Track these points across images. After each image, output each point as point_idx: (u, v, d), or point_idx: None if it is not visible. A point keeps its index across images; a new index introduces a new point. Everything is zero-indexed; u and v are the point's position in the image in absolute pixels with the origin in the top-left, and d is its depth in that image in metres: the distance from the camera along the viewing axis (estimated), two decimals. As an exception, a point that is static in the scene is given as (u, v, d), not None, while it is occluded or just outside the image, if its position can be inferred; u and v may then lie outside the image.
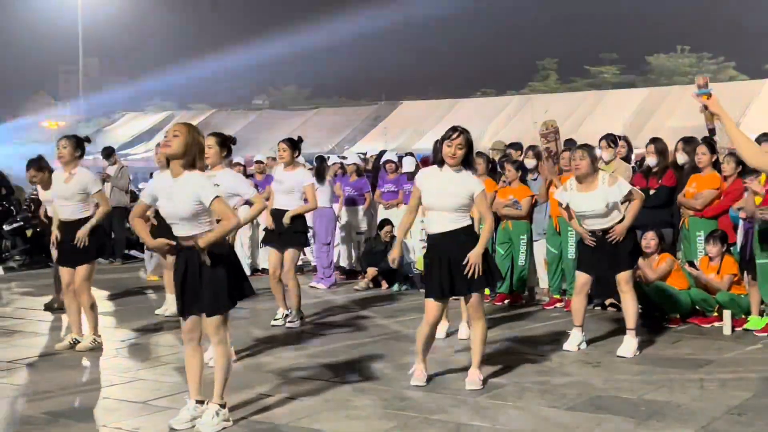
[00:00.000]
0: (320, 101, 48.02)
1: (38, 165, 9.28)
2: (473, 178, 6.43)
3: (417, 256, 11.31)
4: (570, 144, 10.20)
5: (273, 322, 8.75)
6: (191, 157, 5.34)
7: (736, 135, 4.08)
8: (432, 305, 6.36)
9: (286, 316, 8.87)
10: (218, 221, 5.44)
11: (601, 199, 7.43)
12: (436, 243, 6.44)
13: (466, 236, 6.38)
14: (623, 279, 7.53)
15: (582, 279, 7.70)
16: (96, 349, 7.70)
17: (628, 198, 7.50)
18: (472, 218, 6.64)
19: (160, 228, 9.55)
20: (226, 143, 7.80)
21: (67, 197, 7.73)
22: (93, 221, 7.73)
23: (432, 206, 6.41)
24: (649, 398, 5.99)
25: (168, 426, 5.34)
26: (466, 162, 6.42)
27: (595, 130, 8.28)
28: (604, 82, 50.21)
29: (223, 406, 5.32)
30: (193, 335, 5.45)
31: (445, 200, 6.31)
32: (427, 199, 6.38)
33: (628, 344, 7.43)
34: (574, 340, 7.65)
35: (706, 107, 4.25)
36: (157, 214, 9.75)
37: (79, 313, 7.91)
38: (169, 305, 9.31)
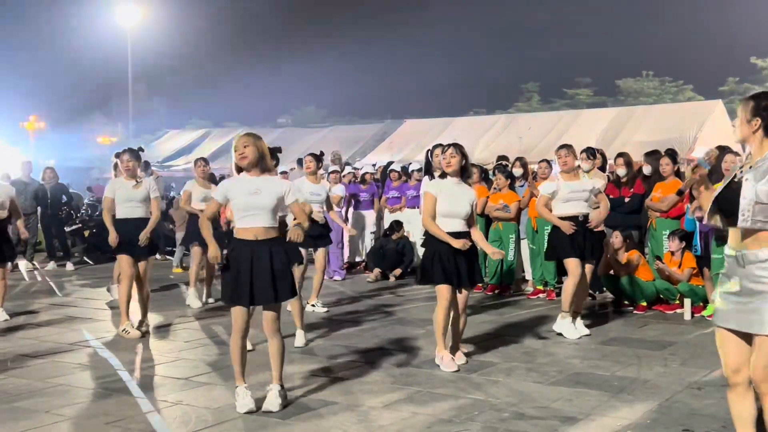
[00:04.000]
0: (335, 119, 47.95)
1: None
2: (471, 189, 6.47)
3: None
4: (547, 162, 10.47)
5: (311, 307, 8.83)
6: (264, 161, 5.26)
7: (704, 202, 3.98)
8: (445, 289, 6.23)
9: (313, 305, 8.95)
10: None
11: (587, 185, 7.58)
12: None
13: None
14: (591, 268, 7.58)
15: (574, 263, 7.44)
16: (144, 333, 7.74)
17: (599, 192, 7.70)
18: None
19: (193, 228, 9.68)
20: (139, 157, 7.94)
21: (139, 200, 7.82)
22: (153, 223, 7.83)
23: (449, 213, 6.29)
24: (621, 374, 5.99)
25: (239, 413, 5.08)
26: (465, 175, 6.45)
27: (573, 144, 8.27)
28: (580, 103, 50.06)
29: (282, 387, 5.19)
30: (245, 330, 5.22)
31: (459, 207, 6.27)
32: (443, 206, 6.27)
33: (578, 325, 7.48)
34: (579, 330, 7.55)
35: (699, 176, 4.07)
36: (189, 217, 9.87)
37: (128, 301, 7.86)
38: (190, 297, 9.51)
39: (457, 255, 6.20)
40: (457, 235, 6.22)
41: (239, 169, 5.28)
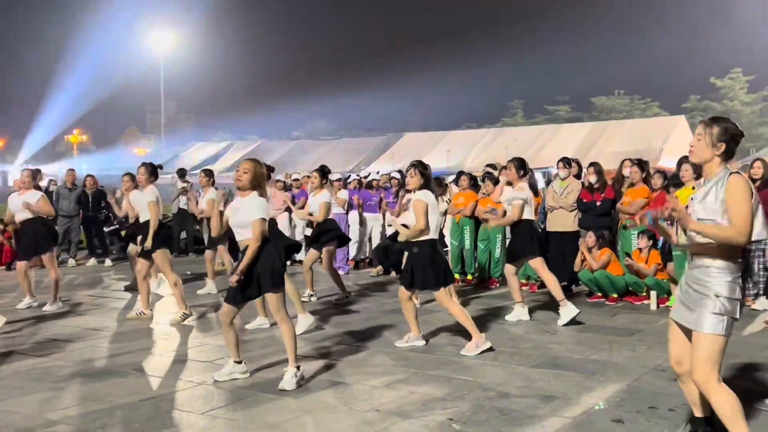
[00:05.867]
0: (343, 133, 47.99)
1: (132, 176, 9.02)
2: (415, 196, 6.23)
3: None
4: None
5: (302, 299, 8.76)
6: (256, 186, 5.30)
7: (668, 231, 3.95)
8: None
9: (311, 295, 8.96)
10: None
11: (510, 195, 7.53)
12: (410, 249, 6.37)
13: (418, 245, 6.24)
14: (533, 264, 7.52)
15: (506, 268, 7.72)
16: (185, 318, 7.74)
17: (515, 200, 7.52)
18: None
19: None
20: (154, 171, 8.05)
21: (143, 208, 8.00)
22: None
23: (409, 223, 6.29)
24: (594, 358, 5.97)
25: (212, 378, 5.36)
26: (423, 185, 6.25)
27: (553, 155, 8.29)
28: (559, 118, 50.05)
29: (298, 368, 5.21)
30: (229, 318, 5.31)
31: (409, 218, 6.26)
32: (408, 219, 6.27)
33: (563, 312, 7.40)
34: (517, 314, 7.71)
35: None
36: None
37: (147, 293, 8.10)
38: (209, 288, 9.85)
39: (415, 260, 6.25)
40: (414, 244, 6.22)
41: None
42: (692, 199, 3.59)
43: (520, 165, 7.61)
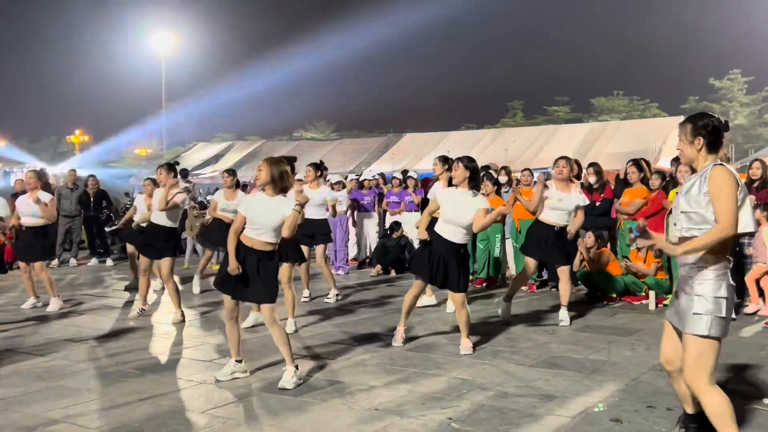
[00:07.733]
0: (343, 133, 47.97)
1: (154, 180, 9.12)
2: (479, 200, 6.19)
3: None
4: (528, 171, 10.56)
5: (302, 299, 8.78)
6: (277, 182, 5.27)
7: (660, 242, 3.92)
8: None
9: (310, 294, 8.97)
10: None
11: (574, 200, 7.34)
12: (440, 244, 6.23)
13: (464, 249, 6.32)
14: (567, 270, 7.46)
15: (530, 262, 7.53)
16: (182, 321, 7.74)
17: (581, 208, 7.45)
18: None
19: (219, 231, 9.76)
20: (172, 168, 8.13)
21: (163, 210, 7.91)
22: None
23: (449, 219, 6.18)
24: (593, 358, 5.97)
25: (214, 378, 5.37)
26: (472, 184, 6.20)
27: (552, 155, 8.27)
28: (559, 119, 50.02)
29: (296, 367, 5.25)
30: (234, 314, 5.40)
31: (459, 217, 6.14)
32: (445, 212, 6.19)
33: (563, 315, 7.41)
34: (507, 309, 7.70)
35: (638, 249, 4.15)
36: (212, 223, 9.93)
37: (147, 289, 8.17)
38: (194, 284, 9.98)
39: (445, 258, 6.16)
40: (451, 244, 6.16)
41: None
42: (678, 193, 3.59)
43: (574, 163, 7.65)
